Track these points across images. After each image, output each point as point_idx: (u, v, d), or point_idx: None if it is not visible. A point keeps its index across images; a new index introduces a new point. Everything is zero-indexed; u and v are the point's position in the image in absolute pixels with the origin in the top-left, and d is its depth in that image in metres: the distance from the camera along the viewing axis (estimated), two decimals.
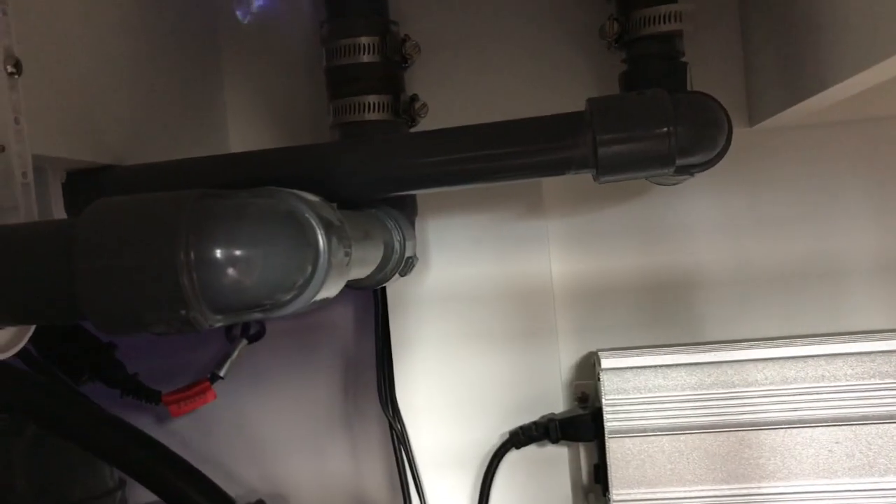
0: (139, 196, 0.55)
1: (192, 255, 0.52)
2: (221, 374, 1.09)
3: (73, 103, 0.74)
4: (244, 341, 1.12)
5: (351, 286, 0.87)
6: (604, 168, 0.72)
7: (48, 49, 0.70)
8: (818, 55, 0.76)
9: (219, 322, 0.56)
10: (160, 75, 0.92)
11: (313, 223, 0.57)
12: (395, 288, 1.05)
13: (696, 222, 1.03)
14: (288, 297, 0.58)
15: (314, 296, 0.59)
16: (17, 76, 0.61)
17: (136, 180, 0.77)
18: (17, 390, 0.62)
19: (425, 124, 0.97)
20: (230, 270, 0.53)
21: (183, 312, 0.53)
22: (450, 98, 1.02)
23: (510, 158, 0.73)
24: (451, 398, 1.06)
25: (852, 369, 0.91)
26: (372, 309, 1.06)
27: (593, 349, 1.03)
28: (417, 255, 0.95)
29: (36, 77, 0.65)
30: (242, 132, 1.07)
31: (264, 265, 0.55)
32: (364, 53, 0.90)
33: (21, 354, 0.95)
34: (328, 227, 0.59)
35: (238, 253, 0.54)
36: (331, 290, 0.63)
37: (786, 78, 0.86)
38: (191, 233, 0.52)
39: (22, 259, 0.55)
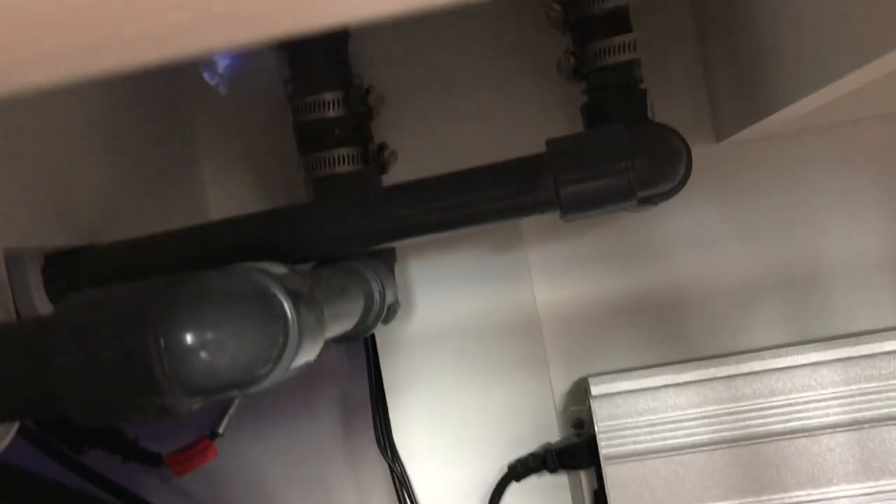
0: (107, 289, 0.56)
1: (162, 342, 0.53)
2: (220, 430, 1.10)
3: (44, 190, 0.75)
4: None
5: (335, 341, 0.88)
6: (567, 208, 0.73)
7: (15, 139, 0.71)
8: (768, 78, 0.77)
9: (196, 404, 0.57)
10: (133, 150, 0.94)
11: (279, 297, 0.58)
12: (382, 333, 1.06)
13: (675, 239, 1.04)
14: (264, 371, 0.59)
15: (289, 366, 0.60)
16: None
17: (114, 259, 0.78)
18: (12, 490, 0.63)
19: (397, 169, 0.98)
20: (201, 354, 0.55)
21: (158, 401, 0.54)
22: (419, 141, 1.04)
23: (475, 206, 0.74)
24: (448, 436, 1.07)
25: (837, 376, 0.92)
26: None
27: (584, 374, 1.04)
28: (400, 299, 0.96)
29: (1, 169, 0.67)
30: (221, 196, 1.08)
31: (235, 344, 0.56)
32: (329, 109, 0.92)
33: (19, 428, 0.97)
34: (296, 298, 0.60)
35: (207, 336, 0.55)
36: (307, 355, 0.64)
37: (743, 97, 0.87)
38: (158, 321, 0.54)
39: None
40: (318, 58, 0.93)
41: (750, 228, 1.03)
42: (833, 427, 0.91)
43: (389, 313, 0.93)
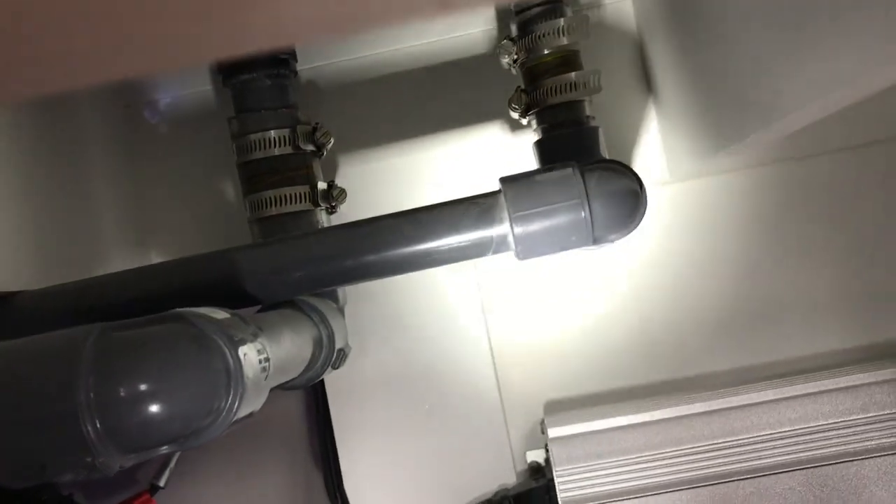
0: (32, 339, 0.52)
1: (94, 397, 0.50)
2: (161, 484, 1.05)
3: None
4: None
5: (282, 388, 0.84)
6: (522, 247, 0.71)
7: None
8: (724, 114, 0.77)
9: (131, 461, 0.54)
10: (65, 195, 0.90)
11: (221, 345, 0.55)
12: (332, 378, 1.02)
13: (630, 275, 1.03)
14: (205, 423, 0.55)
15: (232, 417, 0.57)
16: None
17: (45, 305, 0.74)
18: None
19: (345, 208, 0.96)
20: (138, 408, 0.51)
21: (89, 459, 0.50)
22: (368, 180, 1.01)
23: (429, 247, 0.72)
24: (402, 483, 1.03)
25: (795, 413, 0.91)
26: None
27: (541, 417, 1.02)
28: (350, 343, 0.93)
29: None
30: (163, 239, 1.04)
31: (175, 397, 0.53)
32: (275, 146, 0.89)
33: None
34: (239, 345, 0.57)
35: (144, 388, 0.51)
36: (252, 405, 0.60)
37: (698, 134, 0.87)
38: (91, 374, 0.50)
39: None
40: (264, 94, 0.90)
41: (704, 263, 1.02)
42: (792, 466, 0.90)
43: (339, 358, 0.90)
